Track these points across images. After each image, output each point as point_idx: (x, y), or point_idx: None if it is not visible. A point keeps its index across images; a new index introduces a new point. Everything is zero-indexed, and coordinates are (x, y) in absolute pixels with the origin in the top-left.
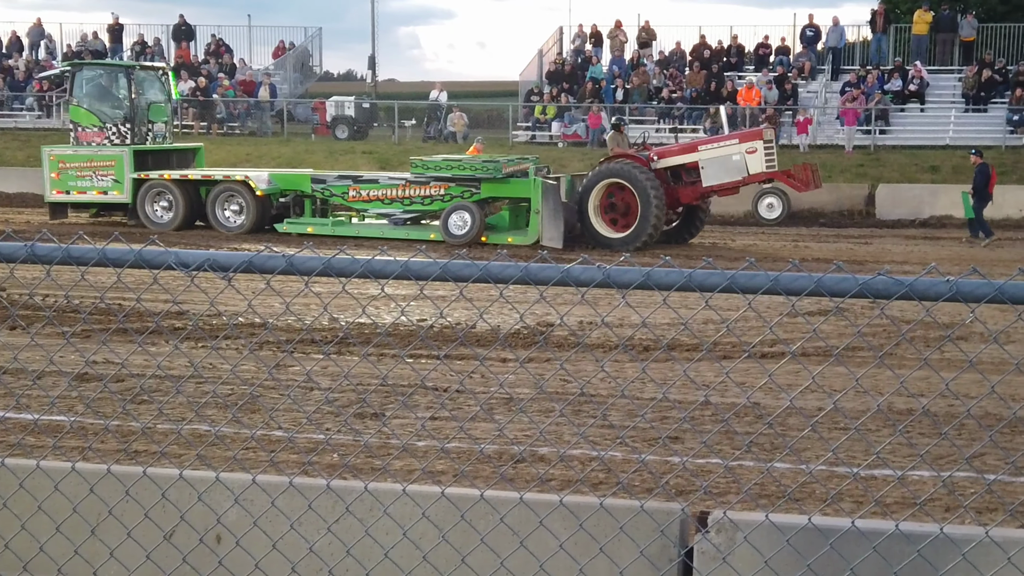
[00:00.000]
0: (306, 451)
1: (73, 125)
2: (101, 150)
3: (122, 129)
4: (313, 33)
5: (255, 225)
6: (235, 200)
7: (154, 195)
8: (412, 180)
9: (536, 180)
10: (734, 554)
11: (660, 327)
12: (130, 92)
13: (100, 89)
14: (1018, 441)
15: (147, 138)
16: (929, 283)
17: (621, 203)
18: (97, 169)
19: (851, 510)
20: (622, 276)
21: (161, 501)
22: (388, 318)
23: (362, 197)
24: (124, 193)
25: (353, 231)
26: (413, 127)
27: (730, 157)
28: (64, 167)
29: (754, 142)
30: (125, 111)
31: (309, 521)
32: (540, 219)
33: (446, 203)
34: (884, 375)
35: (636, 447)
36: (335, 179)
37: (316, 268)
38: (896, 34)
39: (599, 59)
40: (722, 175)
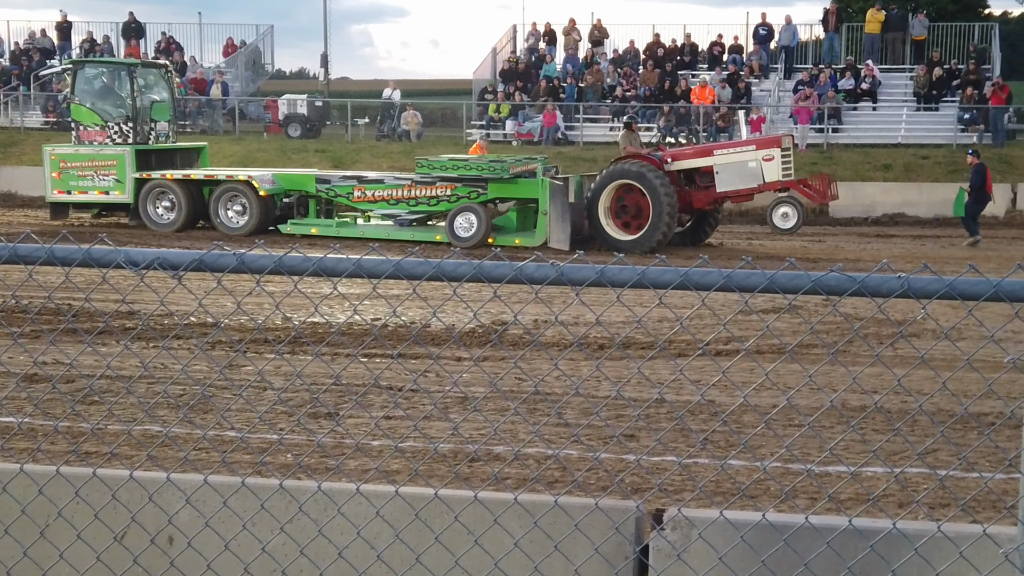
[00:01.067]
0: (259, 451)
1: (74, 124)
2: (103, 149)
3: (124, 128)
4: (265, 31)
5: (259, 226)
6: (238, 200)
7: (156, 195)
8: (418, 180)
9: (544, 181)
10: (689, 551)
11: (615, 325)
12: (132, 90)
13: (102, 87)
14: (970, 437)
15: (150, 137)
16: (881, 279)
17: (632, 205)
18: (99, 169)
19: (806, 506)
20: (576, 273)
21: (111, 502)
22: (342, 317)
23: (367, 197)
24: (126, 193)
25: (358, 232)
26: (366, 125)
27: (746, 164)
28: (65, 166)
29: (771, 149)
30: (127, 110)
31: (262, 521)
32: (547, 221)
33: (452, 204)
34: (838, 372)
35: (592, 445)
36: (340, 179)
37: (267, 267)
38: (848, 33)
39: (553, 57)
40: (737, 181)
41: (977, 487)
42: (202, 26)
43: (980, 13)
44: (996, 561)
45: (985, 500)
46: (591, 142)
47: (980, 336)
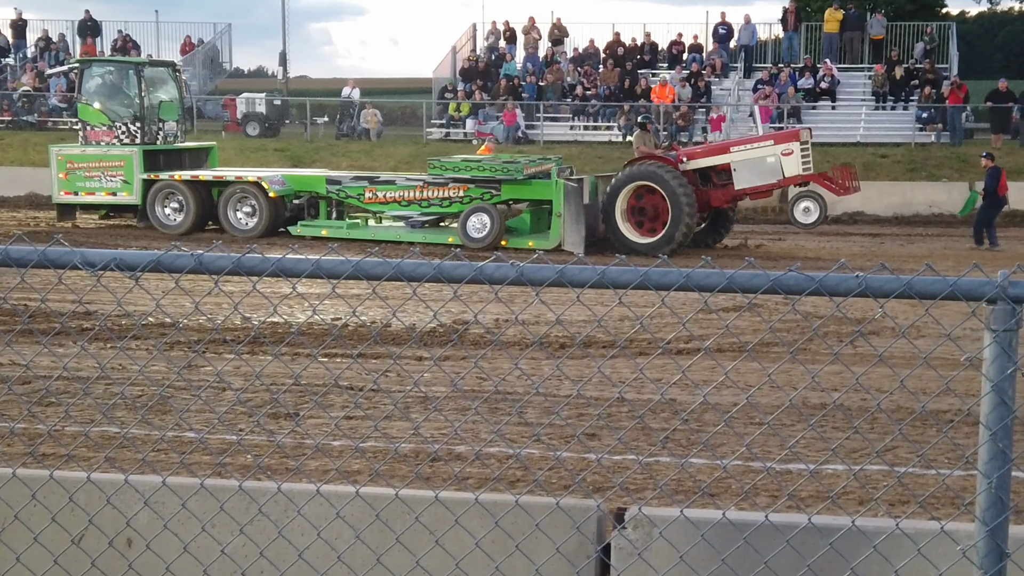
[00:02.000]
0: (219, 452)
1: (81, 124)
2: (110, 150)
3: (132, 128)
4: (222, 29)
5: (268, 227)
6: (247, 202)
7: (164, 196)
8: (430, 181)
9: (559, 182)
10: (650, 550)
11: (576, 324)
12: (140, 90)
13: (109, 87)
14: (929, 434)
15: (158, 137)
16: (839, 279)
17: (650, 207)
18: (106, 169)
19: (767, 504)
20: (536, 273)
21: (69, 505)
22: (302, 317)
23: (378, 199)
24: (134, 194)
25: (369, 234)
26: (326, 124)
27: (764, 159)
28: (72, 167)
29: (790, 143)
30: (135, 109)
31: (222, 523)
32: (562, 223)
33: (465, 205)
34: (798, 370)
35: (553, 445)
36: (351, 180)
37: (225, 267)
38: (807, 32)
39: (513, 56)
40: (755, 178)
41: (936, 484)
42: (159, 24)
43: (937, 12)
44: (954, 558)
45: (944, 497)
46: (551, 141)
47: (939, 334)
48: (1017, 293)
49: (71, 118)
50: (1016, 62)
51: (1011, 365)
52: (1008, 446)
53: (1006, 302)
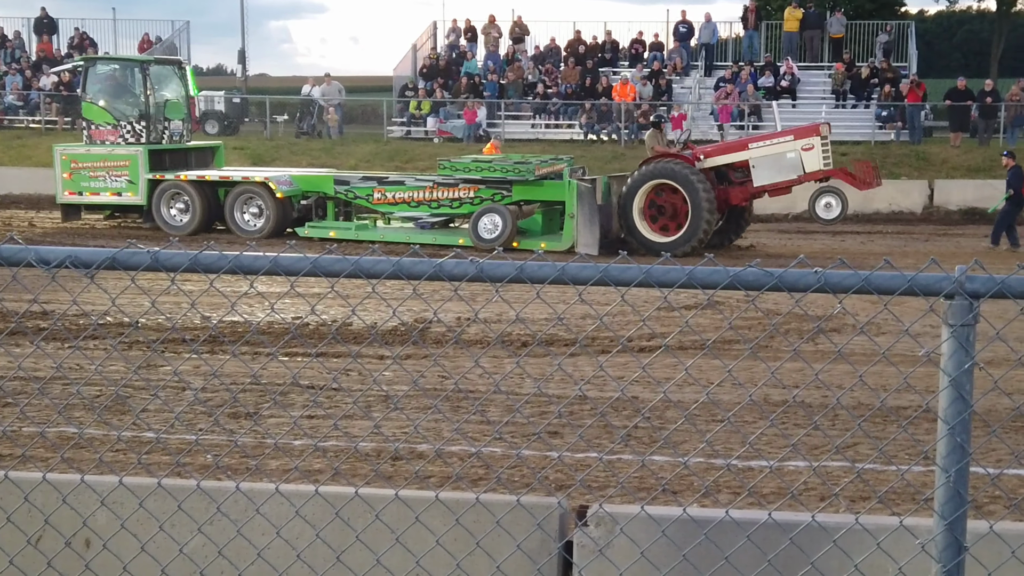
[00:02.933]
0: (179, 452)
1: (86, 123)
2: (115, 149)
3: (137, 127)
4: (180, 27)
5: (275, 228)
6: (254, 202)
7: (170, 197)
8: (440, 182)
9: (572, 183)
10: (612, 547)
11: (538, 322)
12: (145, 88)
13: (114, 85)
14: (890, 430)
15: (163, 137)
16: (798, 275)
17: (668, 205)
18: (111, 169)
19: (729, 501)
20: (495, 270)
21: (25, 505)
22: (262, 316)
23: (387, 199)
24: (139, 195)
25: (378, 235)
26: (285, 122)
27: (784, 155)
28: (76, 167)
29: (811, 139)
30: (140, 108)
31: (181, 523)
32: (575, 224)
33: (475, 206)
34: (761, 367)
35: (515, 443)
36: (359, 180)
37: (182, 264)
38: (767, 31)
39: (474, 54)
40: (775, 174)
41: (895, 480)
42: (116, 22)
43: (897, 11)
44: (913, 552)
45: (905, 492)
46: (513, 139)
47: (900, 331)
48: (974, 288)
49: (27, 116)
50: (974, 61)
51: (969, 360)
52: (966, 440)
53: (963, 297)
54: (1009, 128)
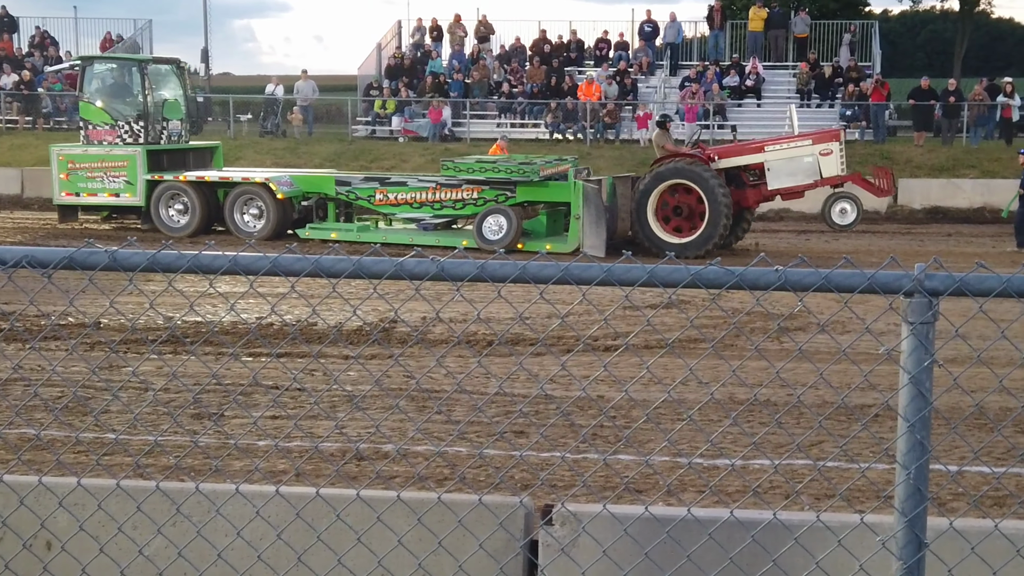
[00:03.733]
0: (139, 453)
1: (83, 123)
2: (113, 149)
3: (135, 127)
4: (143, 25)
5: (276, 230)
6: (254, 203)
7: (169, 198)
8: (443, 183)
9: (577, 184)
10: (577, 546)
11: (504, 322)
12: (143, 88)
13: (112, 85)
14: (854, 428)
15: (162, 137)
16: (759, 272)
17: (684, 206)
18: (108, 170)
19: (694, 500)
20: (456, 269)
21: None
22: (226, 316)
23: (389, 200)
24: (137, 196)
25: (380, 236)
26: (249, 121)
27: (802, 159)
28: (74, 167)
29: (830, 143)
30: (138, 108)
31: (141, 524)
32: (581, 225)
33: (479, 207)
34: (727, 366)
35: (481, 442)
36: (361, 181)
37: (140, 264)
38: (732, 30)
39: (439, 54)
40: (790, 178)
41: (857, 477)
42: (78, 20)
43: (861, 11)
44: (874, 549)
45: (869, 490)
46: (478, 138)
47: (863, 329)
48: (933, 286)
49: None
50: (938, 60)
51: (928, 357)
52: (926, 437)
53: (923, 295)
54: (972, 127)
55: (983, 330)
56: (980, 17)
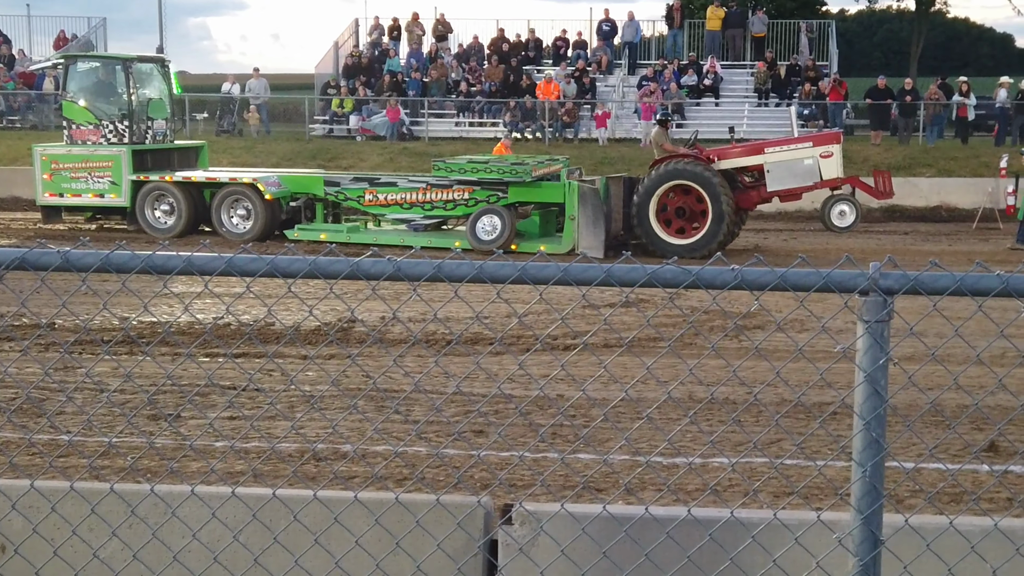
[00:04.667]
0: (96, 455)
1: (66, 122)
2: (97, 149)
3: (119, 127)
4: (97, 23)
5: (264, 231)
6: (242, 204)
7: (155, 198)
8: (434, 183)
9: (571, 184)
10: (536, 545)
11: (462, 321)
12: (128, 87)
13: (95, 84)
14: (813, 426)
15: (146, 136)
16: (715, 271)
17: (685, 207)
18: (93, 170)
19: (653, 498)
20: (412, 269)
21: None
22: (182, 317)
23: (379, 201)
24: (122, 196)
25: (370, 238)
26: (205, 120)
27: (802, 161)
28: (57, 168)
29: (830, 146)
30: (123, 107)
31: (96, 526)
32: (576, 226)
33: (471, 208)
34: (684, 365)
35: (439, 442)
36: (350, 182)
37: (93, 264)
38: (690, 29)
39: (396, 52)
40: (790, 180)
41: (814, 475)
42: (31, 18)
43: (818, 10)
44: (831, 546)
45: (827, 488)
46: (436, 137)
47: (819, 328)
48: (888, 285)
49: None
50: (894, 60)
51: (883, 355)
52: (881, 435)
53: (878, 293)
54: (928, 126)
55: (940, 328)
56: (936, 17)
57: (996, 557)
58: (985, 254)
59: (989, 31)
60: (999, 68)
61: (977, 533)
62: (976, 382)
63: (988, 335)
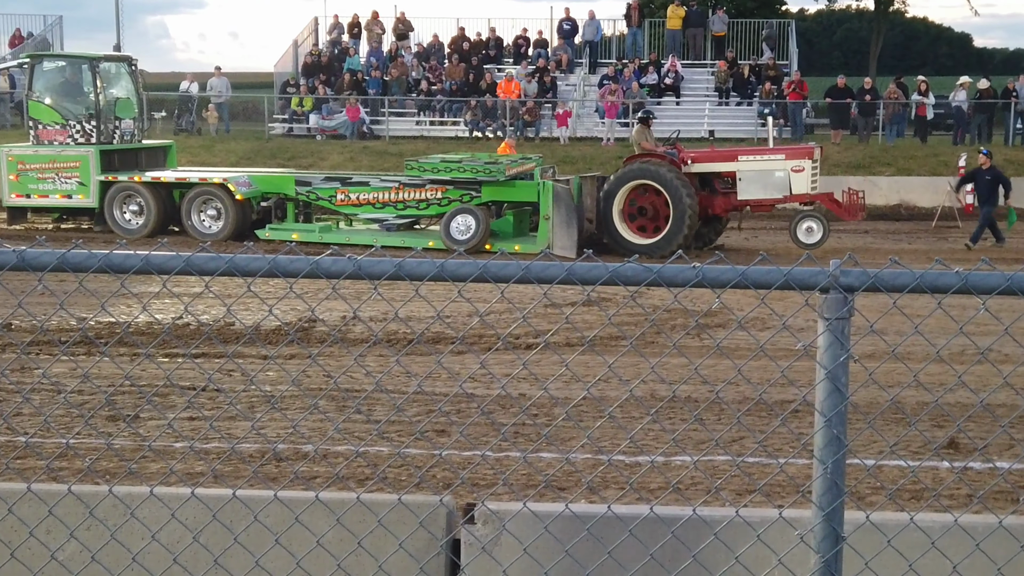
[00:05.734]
0: (53, 456)
1: (32, 122)
2: (64, 150)
3: (87, 127)
4: (53, 21)
5: (234, 231)
6: (212, 204)
7: (123, 199)
8: (406, 183)
9: (545, 184)
10: (498, 544)
11: (424, 320)
12: (95, 86)
13: (62, 83)
14: (773, 423)
15: (114, 136)
16: (676, 269)
17: (649, 206)
18: (60, 171)
19: (615, 497)
20: (373, 267)
21: None
22: (140, 316)
23: (351, 201)
24: (90, 197)
25: (343, 238)
26: (164, 119)
27: (773, 172)
28: (23, 168)
29: (802, 160)
30: (90, 107)
31: (55, 528)
32: (550, 225)
33: (444, 207)
34: (647, 363)
35: (402, 442)
36: (321, 181)
37: (50, 264)
38: (651, 29)
39: (356, 51)
40: (760, 190)
41: (776, 472)
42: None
43: (778, 10)
44: (793, 543)
45: (789, 485)
46: (397, 136)
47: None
48: (848, 282)
49: None
50: (854, 59)
51: (844, 353)
52: (842, 432)
53: (838, 291)
54: (888, 125)
55: (900, 326)
56: (895, 16)
57: (956, 553)
58: (944, 252)
59: (947, 31)
60: (957, 68)
61: (937, 529)
62: (936, 379)
63: (948, 332)
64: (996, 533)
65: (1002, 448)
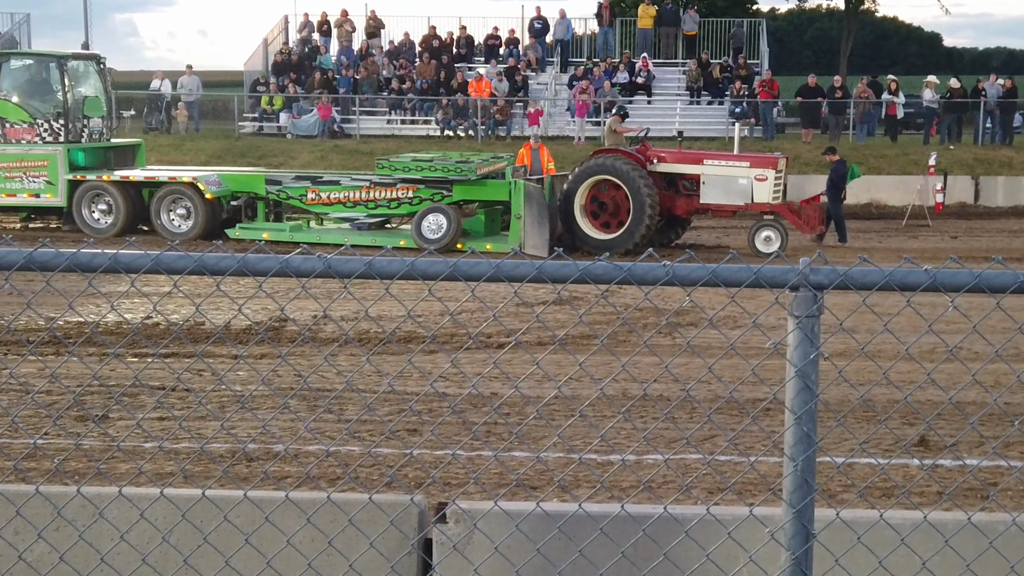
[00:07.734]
0: (21, 457)
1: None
2: (32, 148)
3: (55, 125)
4: (20, 19)
5: (204, 231)
6: (181, 203)
7: (91, 198)
8: (377, 182)
9: (517, 183)
10: (470, 543)
11: (395, 320)
12: (63, 84)
13: (29, 81)
14: (744, 421)
15: (83, 135)
16: (647, 268)
17: (610, 201)
18: (28, 169)
19: (587, 495)
20: (343, 266)
21: None
22: (109, 316)
23: (322, 200)
24: (58, 196)
25: (313, 237)
26: (133, 118)
27: (736, 179)
28: None
29: (765, 170)
30: (58, 105)
31: (22, 529)
32: (522, 224)
33: (415, 206)
34: (618, 362)
35: (374, 441)
36: (292, 180)
37: (16, 262)
38: (622, 28)
39: (327, 49)
40: (722, 196)
41: (747, 470)
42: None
43: (749, 9)
44: (763, 540)
45: (760, 483)
46: (368, 135)
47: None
48: (818, 280)
49: None
50: (824, 58)
51: (814, 350)
52: (812, 429)
53: (808, 289)
54: (858, 124)
55: (870, 324)
56: (865, 15)
57: (926, 550)
58: (914, 251)
59: (917, 30)
60: (927, 67)
61: (907, 526)
62: (906, 377)
63: (917, 330)
64: (965, 530)
65: (972, 445)
